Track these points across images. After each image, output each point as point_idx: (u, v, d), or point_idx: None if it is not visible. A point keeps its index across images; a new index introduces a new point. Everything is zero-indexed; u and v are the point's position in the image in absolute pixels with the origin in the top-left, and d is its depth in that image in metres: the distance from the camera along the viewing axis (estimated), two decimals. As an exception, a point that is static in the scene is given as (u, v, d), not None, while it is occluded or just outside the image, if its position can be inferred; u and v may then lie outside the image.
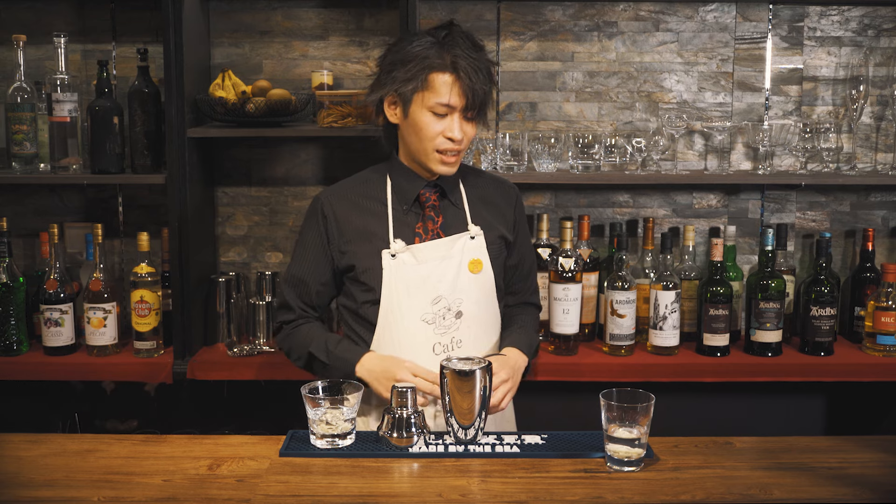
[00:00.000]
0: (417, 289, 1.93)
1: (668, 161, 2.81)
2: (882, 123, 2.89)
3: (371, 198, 2.00)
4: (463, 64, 1.85)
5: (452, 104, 1.87)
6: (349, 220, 1.98)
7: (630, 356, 2.64)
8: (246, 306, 2.77)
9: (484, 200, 2.06)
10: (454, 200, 2.02)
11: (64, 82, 2.59)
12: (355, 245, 1.97)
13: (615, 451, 1.60)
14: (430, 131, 1.89)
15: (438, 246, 1.96)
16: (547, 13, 2.85)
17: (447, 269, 1.95)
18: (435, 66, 1.85)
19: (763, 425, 2.82)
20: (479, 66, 1.88)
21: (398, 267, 1.93)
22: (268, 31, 2.86)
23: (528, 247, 2.16)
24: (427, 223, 1.99)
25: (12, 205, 2.90)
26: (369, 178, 2.04)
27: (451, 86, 1.85)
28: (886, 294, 2.61)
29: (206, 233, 2.83)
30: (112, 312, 2.63)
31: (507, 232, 2.06)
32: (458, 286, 1.95)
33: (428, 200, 2.00)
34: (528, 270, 2.16)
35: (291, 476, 1.57)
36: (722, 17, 2.85)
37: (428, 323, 1.93)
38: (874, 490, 1.51)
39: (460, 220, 2.01)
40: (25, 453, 1.67)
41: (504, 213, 2.07)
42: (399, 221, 1.98)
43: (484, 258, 1.99)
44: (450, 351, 1.93)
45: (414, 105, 1.89)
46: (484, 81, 1.88)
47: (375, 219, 1.98)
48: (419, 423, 1.72)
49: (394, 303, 1.93)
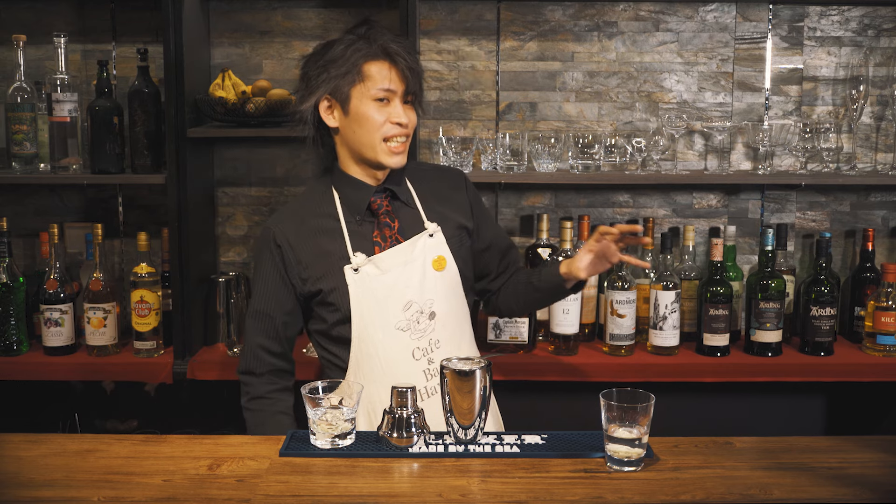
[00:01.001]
0: (386, 298, 1.90)
1: (668, 161, 2.81)
2: (882, 123, 2.89)
3: (321, 215, 1.95)
4: (394, 48, 1.86)
5: (393, 88, 1.87)
6: (304, 245, 1.93)
7: (630, 356, 2.64)
8: (246, 306, 2.77)
9: (434, 193, 2.02)
10: (406, 200, 1.99)
11: (64, 82, 2.59)
12: (315, 269, 1.92)
13: (615, 451, 1.60)
14: (376, 120, 1.87)
15: (399, 252, 1.93)
16: (547, 13, 2.85)
17: (412, 273, 1.92)
18: (368, 56, 1.86)
19: (763, 425, 2.82)
20: (409, 49, 1.90)
21: (363, 280, 1.90)
22: (268, 31, 2.85)
23: (494, 226, 2.12)
24: (384, 230, 1.95)
25: (12, 205, 2.90)
26: (314, 195, 2.00)
27: (389, 70, 1.86)
28: (886, 294, 2.61)
29: (206, 233, 2.83)
30: (112, 312, 2.63)
31: (465, 219, 2.03)
32: (426, 288, 1.92)
33: (381, 207, 1.96)
34: (506, 247, 2.11)
35: (291, 476, 1.57)
36: (722, 17, 2.85)
37: (403, 330, 1.91)
38: (874, 490, 1.51)
39: (416, 219, 1.98)
40: (25, 453, 1.67)
41: (456, 200, 2.04)
42: (355, 234, 1.94)
43: (446, 254, 1.96)
44: (429, 353, 1.92)
45: (354, 99, 1.87)
46: (416, 62, 1.89)
47: (330, 236, 1.93)
48: (419, 423, 1.72)
49: (365, 317, 1.90)
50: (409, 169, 2.04)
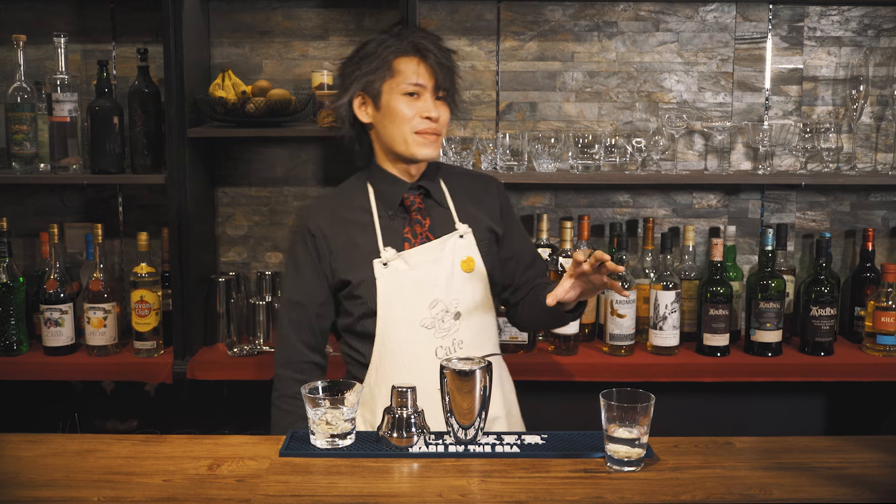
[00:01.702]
0: (413, 295, 1.92)
1: (668, 161, 2.81)
2: (882, 123, 2.89)
3: (355, 208, 1.99)
4: (423, 44, 1.89)
5: (422, 83, 1.89)
6: (336, 236, 1.96)
7: (630, 356, 2.64)
8: (246, 306, 2.77)
9: (467, 195, 2.04)
10: (438, 199, 2.01)
11: (64, 82, 2.59)
12: (346, 260, 1.94)
13: (615, 451, 1.60)
14: (406, 114, 1.90)
15: (429, 249, 1.95)
16: (547, 13, 2.85)
17: (440, 272, 1.94)
18: (398, 51, 1.90)
19: (763, 425, 2.82)
20: (440, 46, 1.92)
21: (391, 275, 1.92)
22: (268, 31, 2.86)
23: (523, 236, 2.13)
24: (415, 227, 1.97)
25: (12, 205, 2.90)
26: (350, 189, 2.03)
27: (418, 66, 1.89)
28: (886, 294, 2.61)
29: (206, 233, 2.83)
30: (112, 312, 2.63)
31: (495, 224, 2.04)
32: (453, 287, 1.94)
33: (413, 204, 1.98)
34: (531, 259, 2.12)
35: (291, 476, 1.57)
36: (722, 17, 2.85)
37: (427, 328, 1.92)
38: (874, 490, 1.51)
39: (447, 219, 2.00)
40: (25, 453, 1.67)
41: (488, 205, 2.06)
42: (387, 229, 1.96)
43: (475, 255, 1.98)
44: (452, 353, 1.92)
45: (385, 95, 1.91)
46: (447, 58, 1.91)
47: (362, 230, 1.96)
48: (419, 423, 1.72)
49: (390, 312, 1.92)
50: (444, 170, 2.07)
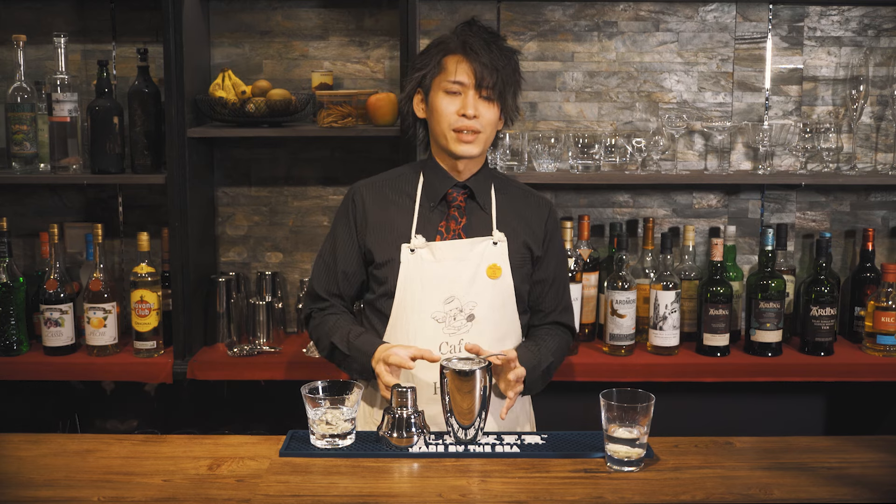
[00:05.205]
0: (432, 286, 1.94)
1: (668, 161, 2.81)
2: (882, 123, 2.89)
3: (401, 192, 2.03)
4: (472, 42, 1.91)
5: (462, 80, 1.91)
6: (375, 211, 2.01)
7: (630, 356, 2.64)
8: (246, 306, 2.77)
9: (515, 209, 2.05)
10: (482, 203, 2.02)
11: (64, 82, 2.59)
12: (377, 237, 1.99)
13: (615, 451, 1.60)
14: (445, 111, 1.92)
15: (457, 246, 1.97)
16: (547, 13, 2.85)
17: (463, 271, 1.95)
18: (448, 49, 1.94)
19: (763, 425, 2.82)
20: (492, 47, 1.92)
21: (415, 262, 1.95)
22: (268, 31, 2.86)
23: (560, 264, 2.11)
24: (450, 223, 2.00)
25: (12, 205, 2.90)
26: (403, 174, 2.08)
27: (459, 63, 1.92)
28: (886, 294, 2.61)
29: (206, 233, 2.83)
30: (112, 312, 2.63)
31: (535, 246, 2.04)
32: (472, 289, 1.95)
33: (454, 200, 2.01)
34: (558, 288, 2.10)
35: (291, 476, 1.57)
36: (722, 17, 2.85)
37: (438, 321, 1.93)
38: (874, 490, 1.51)
39: (485, 224, 2.01)
40: (25, 453, 1.67)
41: (534, 226, 2.05)
42: (423, 218, 2.00)
43: (504, 265, 1.98)
44: (456, 352, 1.93)
45: (432, 91, 1.96)
46: (497, 59, 1.91)
47: (401, 213, 2.00)
48: (419, 423, 1.72)
49: (407, 297, 1.95)
50: (501, 180, 2.10)
